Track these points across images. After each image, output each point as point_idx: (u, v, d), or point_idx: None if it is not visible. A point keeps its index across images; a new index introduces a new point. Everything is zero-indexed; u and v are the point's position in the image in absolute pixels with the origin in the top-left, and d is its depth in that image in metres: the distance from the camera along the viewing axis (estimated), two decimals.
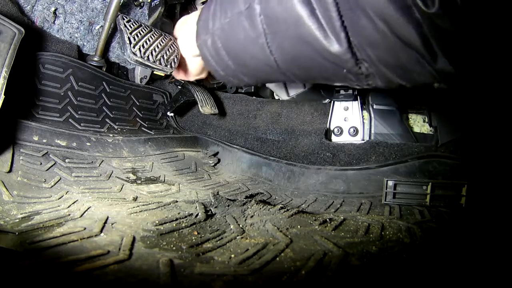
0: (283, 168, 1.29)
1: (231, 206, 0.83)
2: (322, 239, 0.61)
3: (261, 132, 1.46)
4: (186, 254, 0.53)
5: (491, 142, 0.96)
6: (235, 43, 0.47)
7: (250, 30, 0.43)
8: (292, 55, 0.42)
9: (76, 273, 0.43)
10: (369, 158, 1.15)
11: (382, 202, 0.98)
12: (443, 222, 0.77)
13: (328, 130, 1.30)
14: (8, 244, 0.50)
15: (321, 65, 0.39)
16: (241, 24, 0.44)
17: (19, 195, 0.75)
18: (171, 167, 1.27)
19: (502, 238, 0.64)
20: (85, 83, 1.28)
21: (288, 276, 0.46)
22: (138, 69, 1.56)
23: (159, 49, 0.72)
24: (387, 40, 0.32)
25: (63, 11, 1.25)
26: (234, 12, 0.45)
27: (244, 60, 0.49)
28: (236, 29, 0.45)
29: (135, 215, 0.70)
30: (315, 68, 0.41)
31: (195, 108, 1.65)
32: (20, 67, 0.93)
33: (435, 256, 0.57)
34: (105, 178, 0.99)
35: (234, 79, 0.55)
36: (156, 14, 1.29)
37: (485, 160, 0.95)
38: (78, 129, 1.17)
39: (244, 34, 0.45)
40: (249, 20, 0.43)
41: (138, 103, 1.51)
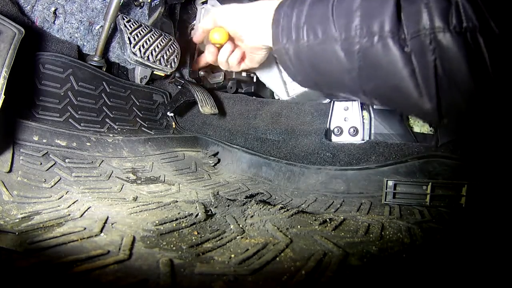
0: (283, 168, 1.29)
1: (231, 206, 0.83)
2: (322, 239, 0.61)
3: (261, 132, 1.46)
4: (186, 254, 0.53)
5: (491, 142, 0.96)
6: (324, 64, 0.47)
7: (345, 61, 0.43)
8: (383, 96, 0.44)
9: (76, 273, 0.43)
10: (369, 158, 1.15)
11: (382, 202, 0.98)
12: (443, 222, 0.77)
13: (328, 130, 1.30)
14: (8, 244, 0.50)
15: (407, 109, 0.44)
16: (335, 52, 0.44)
17: (19, 195, 0.75)
18: (171, 167, 1.27)
19: (502, 238, 0.64)
20: (85, 83, 1.28)
21: (288, 276, 0.46)
22: (138, 69, 1.56)
23: (159, 49, 0.72)
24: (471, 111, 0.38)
25: (63, 11, 1.25)
26: (327, 37, 0.44)
27: (330, 80, 0.49)
28: (328, 54, 0.45)
29: (135, 215, 0.70)
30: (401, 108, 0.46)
31: (195, 108, 1.65)
32: (20, 67, 0.93)
33: (435, 256, 0.57)
34: (105, 178, 0.99)
35: (314, 87, 0.55)
36: (156, 14, 1.29)
37: (485, 160, 0.95)
38: (78, 129, 1.17)
39: (336, 62, 0.44)
40: (345, 52, 0.43)
41: (138, 103, 1.51)
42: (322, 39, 0.45)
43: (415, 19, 0.36)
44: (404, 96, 0.40)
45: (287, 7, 0.52)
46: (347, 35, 0.42)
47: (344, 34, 0.42)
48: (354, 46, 0.41)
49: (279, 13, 0.53)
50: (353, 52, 0.42)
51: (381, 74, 0.41)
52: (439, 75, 0.37)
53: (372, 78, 0.42)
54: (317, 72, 0.50)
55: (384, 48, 0.39)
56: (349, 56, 0.43)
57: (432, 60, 0.36)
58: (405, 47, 0.38)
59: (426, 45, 0.36)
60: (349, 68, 0.44)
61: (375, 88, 0.44)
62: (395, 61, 0.38)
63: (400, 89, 0.40)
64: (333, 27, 0.43)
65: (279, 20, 0.52)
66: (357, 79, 0.44)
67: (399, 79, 0.39)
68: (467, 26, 0.33)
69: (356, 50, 0.41)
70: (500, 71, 0.34)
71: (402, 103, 0.43)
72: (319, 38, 0.45)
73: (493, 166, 0.92)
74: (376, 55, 0.40)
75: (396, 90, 0.41)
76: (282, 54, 0.53)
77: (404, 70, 0.38)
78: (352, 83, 0.45)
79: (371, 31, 0.40)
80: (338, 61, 0.44)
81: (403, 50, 0.38)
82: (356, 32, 0.41)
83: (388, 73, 0.40)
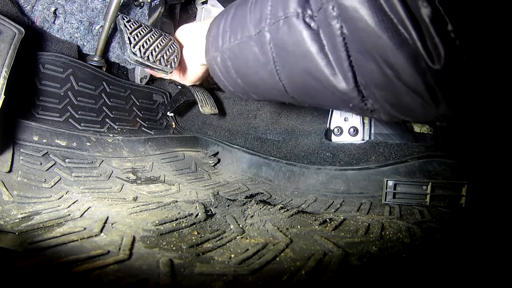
0: (283, 168, 1.29)
1: (231, 206, 0.83)
2: (322, 239, 0.61)
3: (261, 132, 1.46)
4: (186, 254, 0.53)
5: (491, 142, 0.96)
6: (244, 65, 0.47)
7: (260, 55, 0.42)
8: (300, 85, 0.41)
9: (76, 273, 0.43)
10: (369, 158, 1.15)
11: (382, 202, 0.98)
12: (443, 222, 0.77)
13: (328, 130, 1.30)
14: (8, 244, 0.50)
15: (328, 97, 0.40)
16: (251, 48, 0.43)
17: (19, 195, 0.75)
18: (171, 167, 1.27)
19: (502, 238, 0.64)
20: (85, 83, 1.28)
21: (288, 276, 0.46)
22: (138, 69, 1.56)
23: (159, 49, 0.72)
24: (393, 84, 0.32)
25: (63, 11, 1.25)
26: (244, 35, 0.44)
27: (254, 81, 0.48)
28: (246, 52, 0.44)
29: (135, 215, 0.70)
30: (322, 98, 0.41)
31: (195, 108, 1.65)
32: (20, 67, 0.93)
33: (435, 256, 0.57)
34: (105, 178, 0.99)
35: (243, 95, 0.54)
36: (156, 14, 1.29)
37: (485, 160, 0.95)
38: (78, 129, 1.17)
39: (253, 58, 0.44)
40: (259, 46, 0.42)
41: (138, 103, 1.51)
42: (240, 39, 0.44)
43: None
44: (318, 78, 0.37)
45: (219, 17, 0.52)
46: (260, 28, 0.41)
47: (257, 29, 0.41)
48: (265, 36, 0.40)
49: (212, 24, 0.53)
50: (265, 43, 0.40)
51: (291, 60, 0.38)
52: (348, 45, 0.32)
53: (285, 67, 0.40)
54: (241, 76, 0.49)
55: (289, 29, 0.36)
56: (262, 48, 0.41)
57: (338, 28, 0.32)
58: (312, 23, 0.35)
59: (330, 13, 0.32)
60: (264, 62, 0.42)
61: (291, 79, 0.41)
62: (301, 41, 0.36)
63: (312, 71, 0.36)
64: (250, 25, 0.43)
65: (211, 31, 0.52)
66: (274, 72, 0.42)
67: (309, 60, 0.36)
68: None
69: (268, 41, 0.40)
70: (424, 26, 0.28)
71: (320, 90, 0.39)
72: (237, 39, 0.45)
73: (493, 166, 0.92)
74: (283, 39, 0.38)
75: (309, 74, 0.38)
76: (212, 64, 0.53)
77: (312, 47, 0.35)
78: (271, 78, 0.43)
79: (277, 15, 0.38)
80: (255, 57, 0.43)
81: (309, 27, 0.35)
82: (266, 21, 0.39)
83: (297, 56, 0.37)
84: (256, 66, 0.44)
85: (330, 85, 0.36)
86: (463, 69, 0.28)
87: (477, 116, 0.32)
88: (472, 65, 0.28)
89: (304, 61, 0.37)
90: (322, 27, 0.34)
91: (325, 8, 0.33)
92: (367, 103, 0.36)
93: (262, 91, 0.49)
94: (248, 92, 0.52)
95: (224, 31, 0.48)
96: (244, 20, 0.44)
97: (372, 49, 0.31)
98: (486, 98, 0.30)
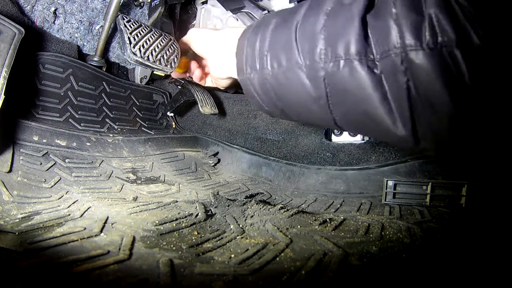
0: (283, 168, 1.29)
1: (231, 206, 0.83)
2: (322, 239, 0.61)
3: (261, 132, 1.46)
4: (186, 254, 0.53)
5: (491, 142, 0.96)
6: (290, 94, 0.44)
7: (311, 90, 0.40)
8: (355, 122, 0.40)
9: (76, 273, 0.43)
10: (369, 158, 1.15)
11: (382, 202, 0.98)
12: (443, 222, 0.77)
13: (328, 130, 1.30)
14: (8, 244, 0.50)
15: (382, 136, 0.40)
16: (300, 80, 0.40)
17: (19, 195, 0.75)
18: (171, 167, 1.27)
19: (502, 238, 0.64)
20: (85, 83, 1.28)
21: (288, 276, 0.46)
22: (138, 69, 1.56)
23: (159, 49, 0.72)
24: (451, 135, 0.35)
25: (63, 11, 1.25)
26: (291, 64, 0.41)
27: (298, 110, 0.46)
28: (294, 82, 0.41)
29: (135, 215, 0.70)
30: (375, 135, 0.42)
31: (195, 108, 1.65)
32: (20, 67, 0.93)
33: (435, 256, 0.57)
34: (105, 178, 0.99)
35: (281, 116, 0.52)
36: (156, 14, 1.29)
37: (485, 160, 0.95)
38: (78, 129, 1.17)
39: (303, 90, 0.41)
40: (311, 80, 0.39)
41: (138, 103, 1.51)
42: (286, 68, 0.42)
43: (383, 38, 0.33)
44: (376, 122, 0.37)
45: (251, 34, 0.49)
46: (311, 61, 0.39)
47: (309, 60, 0.39)
48: (319, 72, 0.38)
49: (243, 42, 0.50)
50: (319, 79, 0.38)
51: (350, 100, 0.37)
52: (412, 98, 0.33)
53: (342, 106, 0.39)
54: (284, 103, 0.47)
55: (351, 72, 0.35)
56: (315, 83, 0.39)
57: (405, 82, 0.33)
58: (375, 69, 0.34)
59: (397, 66, 0.32)
60: (316, 97, 0.40)
61: (345, 116, 0.40)
62: (364, 86, 0.35)
63: (372, 115, 0.36)
64: (297, 53, 0.40)
65: (243, 49, 0.49)
66: (326, 107, 0.40)
67: (370, 104, 0.36)
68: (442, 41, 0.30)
69: (322, 77, 0.38)
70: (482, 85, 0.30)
71: (375, 130, 0.39)
72: (283, 67, 0.42)
73: (493, 166, 0.92)
74: (344, 80, 0.36)
75: (367, 117, 0.37)
76: (247, 85, 0.50)
77: (374, 94, 0.35)
78: (321, 112, 0.42)
79: (336, 54, 0.36)
80: (304, 89, 0.41)
81: (373, 73, 0.34)
82: (321, 57, 0.37)
83: (358, 99, 0.36)
84: (306, 98, 0.42)
85: (388, 130, 0.37)
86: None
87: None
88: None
89: (364, 104, 0.36)
90: (386, 75, 0.34)
91: (393, 59, 0.33)
92: (420, 145, 0.38)
93: (306, 118, 0.47)
94: (288, 115, 0.50)
95: (262, 53, 0.46)
96: (290, 46, 0.41)
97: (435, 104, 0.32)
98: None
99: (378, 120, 0.36)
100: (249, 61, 0.48)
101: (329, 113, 0.41)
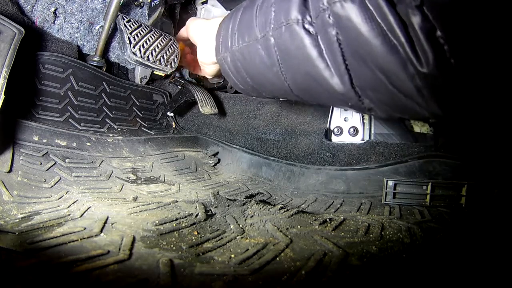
0: (283, 168, 1.29)
1: (231, 206, 0.83)
2: (322, 239, 0.61)
3: (261, 132, 1.46)
4: (186, 254, 0.53)
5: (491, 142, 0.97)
6: (253, 66, 0.49)
7: (266, 58, 0.45)
8: (304, 86, 0.44)
9: (76, 273, 0.43)
10: (369, 158, 1.15)
11: (382, 202, 0.98)
12: (443, 222, 0.77)
13: (328, 130, 1.30)
14: (8, 244, 0.50)
15: (329, 98, 0.43)
16: (258, 51, 0.46)
17: (19, 195, 0.75)
18: (171, 167, 1.27)
19: (502, 238, 0.64)
20: (85, 83, 1.28)
21: (288, 276, 0.46)
22: (138, 69, 1.56)
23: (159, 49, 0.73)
24: (386, 87, 0.35)
25: (63, 11, 1.25)
26: (251, 38, 0.46)
27: (262, 81, 0.51)
28: (253, 54, 0.47)
29: (135, 215, 0.70)
30: (324, 98, 0.44)
31: (195, 108, 1.65)
32: (20, 67, 0.93)
33: (435, 256, 0.57)
34: (105, 178, 0.99)
35: (253, 93, 0.57)
36: (156, 14, 1.29)
37: (485, 160, 0.95)
38: (78, 129, 1.17)
39: (260, 61, 0.46)
40: (265, 49, 0.44)
41: (138, 103, 1.51)
42: (248, 42, 0.47)
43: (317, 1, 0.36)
44: (318, 81, 0.40)
45: (227, 18, 0.54)
46: (265, 32, 0.43)
47: (263, 32, 0.44)
48: (270, 40, 0.43)
49: (221, 25, 0.55)
50: (270, 47, 0.43)
51: (295, 63, 0.41)
52: (344, 51, 0.35)
53: (290, 70, 0.43)
54: (250, 76, 0.52)
55: (292, 35, 0.39)
56: (267, 51, 0.44)
57: (334, 35, 0.35)
58: (311, 29, 0.37)
59: (326, 21, 0.35)
60: (269, 64, 0.45)
61: (295, 81, 0.44)
62: (302, 46, 0.38)
63: (313, 74, 0.39)
64: (256, 28, 0.45)
65: (220, 32, 0.55)
66: (279, 74, 0.45)
67: (310, 63, 0.39)
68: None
69: (272, 45, 0.43)
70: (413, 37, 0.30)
71: (321, 91, 0.42)
72: (245, 42, 0.48)
73: (493, 166, 0.92)
74: (286, 44, 0.40)
75: (311, 77, 0.40)
76: (223, 64, 0.55)
77: (312, 53, 0.38)
78: (277, 79, 0.46)
79: (279, 21, 0.40)
80: (261, 59, 0.46)
81: (309, 33, 0.37)
82: (271, 26, 0.42)
83: (300, 61, 0.40)
84: (263, 67, 0.47)
85: (329, 87, 0.39)
86: (451, 72, 0.30)
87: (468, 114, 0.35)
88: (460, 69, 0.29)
89: (306, 64, 0.39)
90: (320, 33, 0.36)
91: (322, 16, 0.35)
92: (364, 102, 0.39)
93: (270, 90, 0.52)
94: (257, 90, 0.54)
95: (233, 33, 0.51)
96: (251, 23, 0.46)
97: (365, 55, 0.33)
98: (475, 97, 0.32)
99: (320, 78, 0.39)
100: (223, 41, 0.53)
101: (283, 80, 0.45)
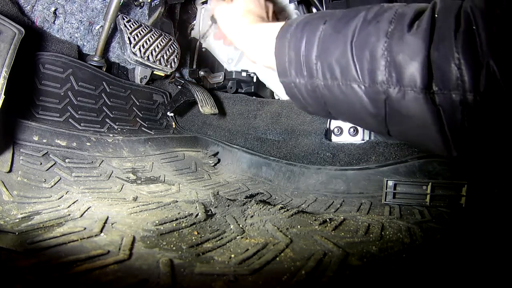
0: (283, 168, 1.29)
1: (231, 206, 0.83)
2: (322, 239, 0.61)
3: (261, 132, 1.46)
4: (186, 254, 0.53)
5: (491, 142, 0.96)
6: (345, 105, 0.45)
7: (369, 106, 0.42)
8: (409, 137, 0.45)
9: (76, 273, 0.43)
10: (369, 158, 1.15)
11: (382, 202, 0.98)
12: (443, 222, 0.77)
13: (328, 130, 1.30)
14: (8, 244, 0.50)
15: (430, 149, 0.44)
16: (358, 96, 0.42)
17: (19, 195, 0.75)
18: (171, 167, 1.27)
19: (502, 238, 0.64)
20: (85, 83, 1.28)
21: (288, 276, 0.46)
22: (138, 69, 1.56)
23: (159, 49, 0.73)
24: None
25: (63, 11, 1.25)
26: (348, 79, 0.41)
27: (350, 117, 0.47)
28: (350, 96, 0.42)
29: (135, 215, 0.70)
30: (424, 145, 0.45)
31: (195, 108, 1.65)
32: (20, 67, 0.93)
33: (435, 256, 0.57)
34: (105, 178, 0.99)
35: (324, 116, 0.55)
36: (156, 14, 1.29)
37: (485, 160, 0.95)
38: (78, 129, 1.17)
39: (360, 106, 0.42)
40: (370, 98, 0.41)
41: (138, 103, 1.51)
42: (343, 82, 0.42)
43: (445, 77, 0.35)
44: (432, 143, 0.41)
45: (293, 36, 0.47)
46: (372, 81, 0.40)
47: (369, 80, 0.40)
48: (381, 95, 0.40)
49: (283, 42, 0.48)
50: (380, 100, 0.40)
51: (410, 123, 0.41)
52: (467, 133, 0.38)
53: (399, 125, 0.42)
54: (336, 110, 0.47)
55: (417, 102, 0.38)
56: (374, 102, 0.41)
57: (460, 119, 0.37)
58: (435, 101, 0.37)
59: (456, 105, 0.36)
60: (374, 113, 0.42)
61: (402, 132, 0.44)
62: (425, 115, 0.38)
63: (430, 137, 0.41)
64: (354, 70, 0.41)
65: (284, 51, 0.48)
66: (383, 123, 0.43)
67: (429, 130, 0.40)
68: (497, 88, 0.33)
69: (383, 99, 0.40)
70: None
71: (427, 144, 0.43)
72: (337, 80, 0.43)
73: (493, 166, 0.92)
74: (407, 107, 0.39)
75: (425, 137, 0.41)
76: (292, 88, 0.49)
77: (434, 124, 0.38)
78: (376, 124, 0.44)
79: (402, 83, 0.38)
80: (362, 105, 0.42)
81: (433, 104, 0.37)
82: (383, 81, 0.39)
83: (418, 123, 0.40)
84: (363, 113, 0.43)
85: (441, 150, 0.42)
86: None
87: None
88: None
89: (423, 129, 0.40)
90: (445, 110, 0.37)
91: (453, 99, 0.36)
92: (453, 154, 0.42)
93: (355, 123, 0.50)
94: (333, 117, 0.51)
95: (310, 60, 0.45)
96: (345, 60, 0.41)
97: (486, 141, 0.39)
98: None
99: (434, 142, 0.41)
100: (294, 65, 0.47)
101: (384, 127, 0.44)
